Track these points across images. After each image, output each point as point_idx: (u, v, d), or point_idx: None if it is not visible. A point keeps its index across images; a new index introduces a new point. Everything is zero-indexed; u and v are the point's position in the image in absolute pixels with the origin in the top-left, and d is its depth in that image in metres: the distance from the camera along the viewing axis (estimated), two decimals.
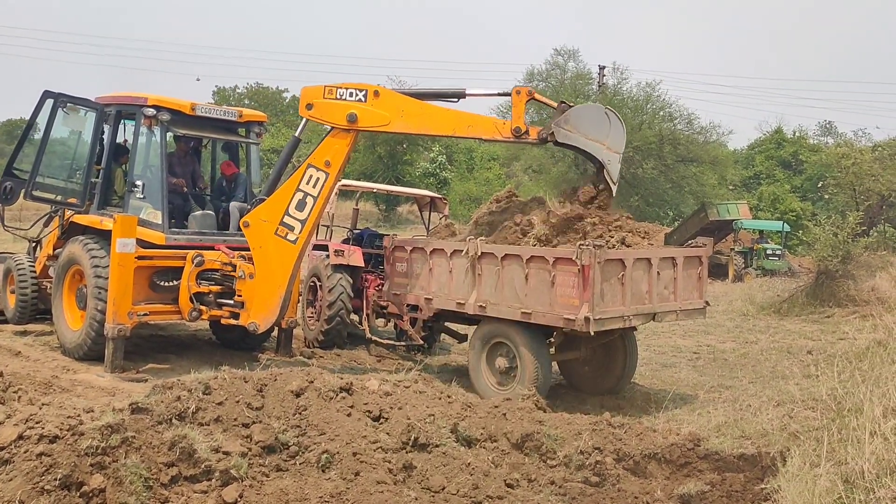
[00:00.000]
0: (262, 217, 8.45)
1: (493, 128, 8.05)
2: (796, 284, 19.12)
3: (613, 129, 8.04)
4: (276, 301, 8.80)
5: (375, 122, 8.12)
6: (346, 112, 8.08)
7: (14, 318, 11.03)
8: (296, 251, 8.40)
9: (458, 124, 8.08)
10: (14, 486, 4.72)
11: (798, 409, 8.11)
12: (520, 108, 8.02)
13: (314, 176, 8.27)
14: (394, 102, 8.09)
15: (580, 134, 7.94)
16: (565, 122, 7.90)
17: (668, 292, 8.94)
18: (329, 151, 8.25)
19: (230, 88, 60.82)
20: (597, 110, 8.18)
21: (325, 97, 8.15)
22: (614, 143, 8.03)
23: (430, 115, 8.06)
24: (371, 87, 8.08)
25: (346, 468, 5.52)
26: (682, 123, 39.64)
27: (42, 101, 10.30)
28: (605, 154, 7.99)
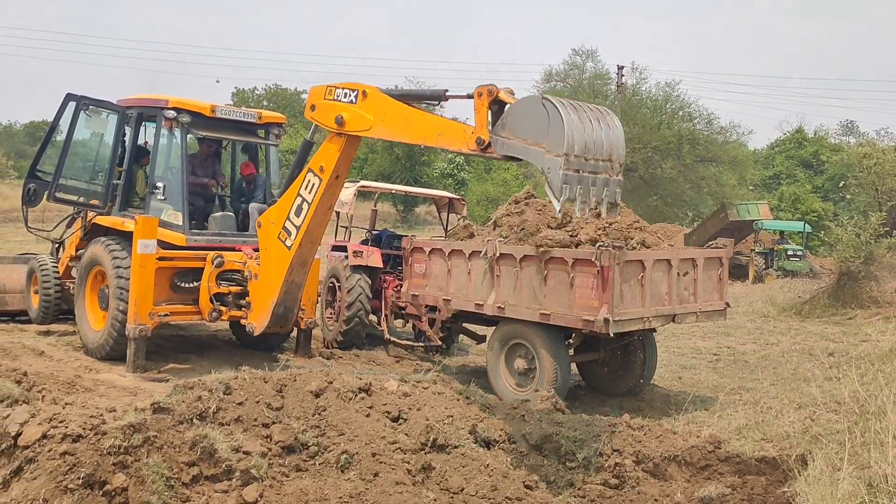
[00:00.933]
0: (272, 219, 8.41)
1: (462, 137, 6.48)
2: (818, 285, 18.94)
3: (552, 124, 5.64)
4: (269, 305, 8.71)
5: (359, 126, 7.50)
6: (335, 114, 7.65)
7: (38, 318, 11.15)
8: (289, 257, 8.24)
9: (428, 132, 6.90)
10: (38, 485, 4.78)
11: (820, 411, 8.03)
12: (482, 112, 6.25)
13: (311, 181, 7.98)
14: (378, 105, 7.34)
15: (518, 139, 5.92)
16: (502, 128, 6.03)
17: (688, 294, 8.89)
18: (324, 157, 7.93)
19: (249, 90, 61.21)
20: (531, 103, 5.90)
21: (325, 98, 7.77)
22: (553, 143, 5.64)
23: (406, 120, 7.08)
24: (361, 87, 7.48)
25: (366, 469, 5.53)
26: (701, 123, 39.51)
27: (65, 104, 10.41)
28: (544, 160, 5.71)
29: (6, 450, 5.33)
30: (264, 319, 8.86)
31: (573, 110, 5.72)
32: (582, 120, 5.73)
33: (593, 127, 5.80)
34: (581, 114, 5.77)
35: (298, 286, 8.78)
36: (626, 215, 9.20)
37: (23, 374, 6.68)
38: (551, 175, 5.67)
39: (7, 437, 5.35)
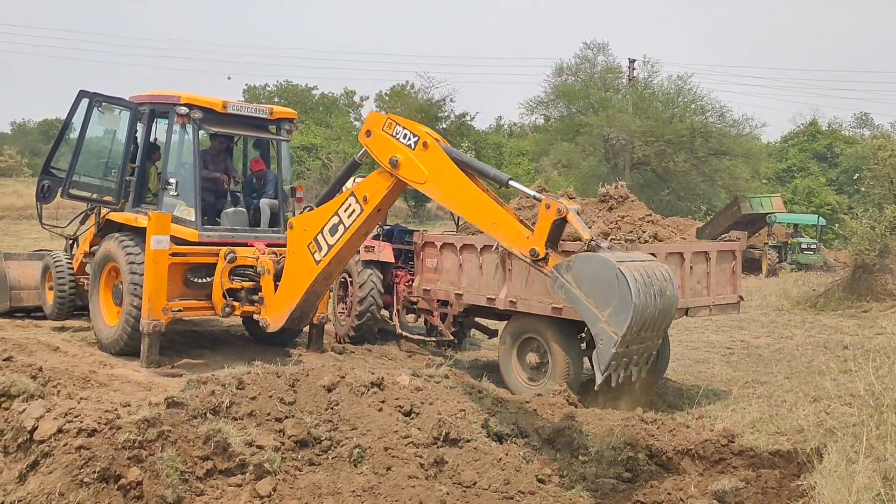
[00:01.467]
0: (304, 226, 8.32)
1: (517, 238, 6.37)
2: (832, 279, 18.83)
3: (620, 301, 5.40)
4: (286, 308, 8.73)
5: (413, 176, 7.24)
6: (391, 154, 7.33)
7: (52, 313, 11.24)
8: (315, 271, 8.23)
9: (483, 216, 6.70)
10: (54, 479, 4.82)
11: (835, 404, 7.99)
12: (545, 226, 6.08)
13: (352, 206, 7.76)
14: (437, 162, 7.04)
15: (580, 291, 5.70)
16: (566, 270, 5.81)
17: (700, 287, 8.85)
18: (370, 187, 7.66)
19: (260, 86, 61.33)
20: (607, 269, 5.52)
21: (384, 129, 7.43)
22: (615, 319, 5.43)
23: (463, 193, 6.86)
24: (424, 136, 7.16)
25: (378, 463, 5.54)
26: (714, 116, 39.30)
27: (78, 101, 10.47)
28: (598, 328, 5.53)
29: (22, 444, 5.38)
30: (280, 320, 8.89)
31: (644, 289, 5.53)
32: (648, 300, 5.57)
33: (655, 303, 5.66)
34: (649, 290, 5.60)
35: (319, 295, 8.81)
36: (638, 209, 9.17)
37: (38, 370, 6.72)
38: (602, 348, 5.55)
39: (23, 432, 5.39)
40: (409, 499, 5.15)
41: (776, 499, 5.73)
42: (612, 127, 38.02)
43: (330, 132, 50.41)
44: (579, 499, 5.56)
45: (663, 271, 5.88)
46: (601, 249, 5.86)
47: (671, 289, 5.85)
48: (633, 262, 5.68)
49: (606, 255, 5.62)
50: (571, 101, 42.19)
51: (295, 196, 10.87)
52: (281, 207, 10.57)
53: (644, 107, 39.34)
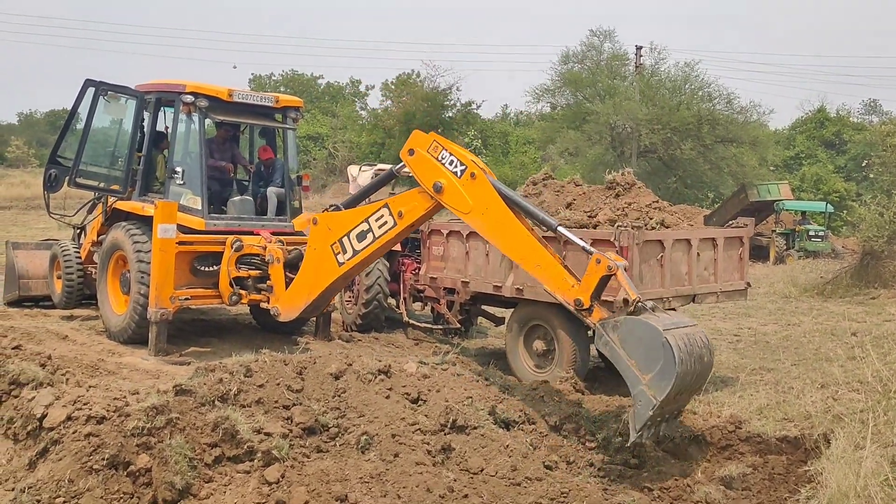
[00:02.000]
0: (330, 225, 8.29)
1: (561, 284, 6.60)
2: (840, 265, 18.74)
3: (664, 369, 5.66)
4: (302, 302, 8.78)
5: (457, 205, 7.24)
6: (436, 179, 7.30)
7: (61, 302, 11.29)
8: (337, 272, 8.26)
9: (527, 256, 6.86)
10: (64, 466, 4.85)
11: (842, 391, 7.96)
12: (592, 279, 6.33)
13: (384, 218, 7.76)
14: (484, 195, 7.05)
15: (623, 352, 5.93)
16: (612, 329, 6.01)
17: (708, 274, 8.83)
18: (407, 204, 7.67)
19: (266, 76, 61.23)
20: (653, 336, 5.75)
21: (429, 151, 7.39)
22: (655, 385, 5.68)
23: (509, 230, 6.95)
24: (472, 167, 7.14)
25: (386, 449, 5.56)
26: (721, 103, 39.08)
27: (84, 90, 10.47)
28: (638, 390, 5.77)
29: (32, 432, 5.42)
30: (294, 312, 8.95)
31: (686, 357, 5.74)
32: (689, 368, 5.78)
33: (694, 370, 5.90)
34: (690, 359, 5.81)
35: (335, 292, 8.85)
36: (645, 195, 9.14)
37: (47, 358, 6.77)
38: (640, 409, 5.75)
39: (33, 420, 5.44)
40: (416, 485, 5.17)
41: (783, 484, 5.75)
42: (619, 115, 37.87)
43: (336, 121, 50.36)
44: (586, 485, 5.57)
45: (703, 337, 6.13)
46: (646, 312, 6.03)
47: (709, 355, 6.13)
48: (677, 328, 5.88)
49: (653, 322, 5.79)
50: (578, 88, 42.01)
51: (301, 184, 10.88)
52: (287, 196, 10.56)
53: (651, 94, 39.14)
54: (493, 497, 5.19)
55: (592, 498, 5.34)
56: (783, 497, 5.57)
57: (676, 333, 5.78)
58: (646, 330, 5.79)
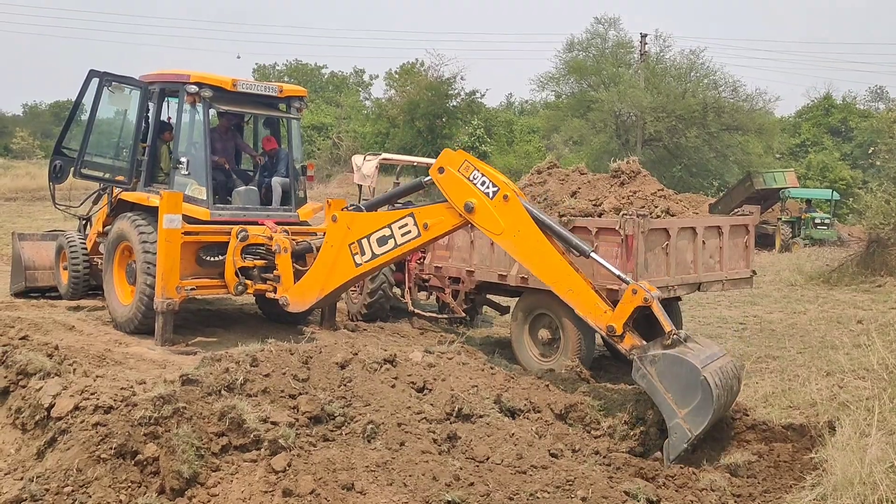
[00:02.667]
0: (349, 224, 8.31)
1: (593, 309, 6.75)
2: (846, 253, 18.71)
3: (701, 405, 5.89)
4: (313, 296, 8.84)
5: (488, 226, 7.31)
6: (467, 199, 7.33)
7: (67, 293, 11.33)
8: (354, 273, 8.29)
9: (560, 281, 6.97)
10: (72, 455, 4.88)
11: (848, 378, 7.97)
12: (627, 308, 6.50)
13: (408, 227, 7.82)
14: (516, 218, 7.11)
15: (661, 385, 6.11)
16: (650, 363, 6.19)
17: (713, 262, 8.82)
18: (434, 217, 7.69)
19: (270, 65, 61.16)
20: (691, 374, 5.95)
21: (459, 170, 7.41)
22: (691, 420, 5.91)
23: (540, 254, 7.05)
24: (505, 189, 7.19)
25: (392, 438, 5.58)
26: (726, 91, 38.94)
27: (88, 80, 10.46)
28: (675, 423, 5.99)
29: (40, 421, 5.46)
30: (305, 305, 9.01)
31: (721, 393, 6.03)
32: (722, 401, 6.09)
33: (726, 402, 6.26)
34: (724, 392, 6.11)
35: (346, 289, 8.88)
36: (650, 184, 9.12)
37: (54, 348, 6.79)
38: (675, 441, 5.99)
39: (41, 409, 5.47)
40: (422, 473, 5.18)
41: (789, 472, 5.75)
42: (624, 103, 37.78)
43: (340, 111, 50.30)
44: (592, 472, 5.58)
45: (733, 367, 6.45)
46: (681, 344, 6.24)
47: (737, 384, 6.45)
48: (712, 362, 6.18)
49: (691, 358, 6.03)
50: (582, 76, 41.89)
51: (306, 174, 10.88)
52: (292, 186, 10.57)
53: (656, 82, 39.01)
54: (498, 485, 5.20)
55: (598, 486, 5.35)
56: (788, 484, 5.58)
57: (712, 369, 6.03)
58: (684, 367, 6.01)
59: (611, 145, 38.60)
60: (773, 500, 5.38)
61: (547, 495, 5.17)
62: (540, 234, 7.01)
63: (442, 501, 4.92)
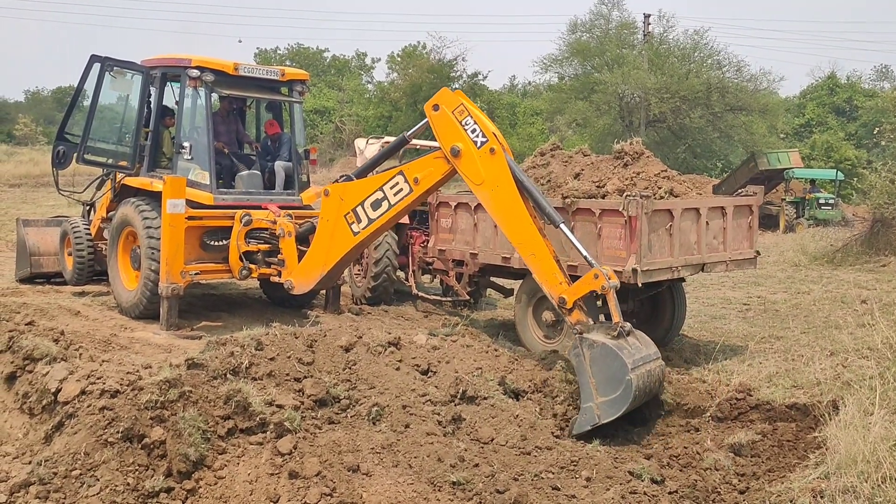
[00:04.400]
0: (342, 195, 8.33)
1: (550, 277, 6.83)
2: (850, 233, 18.66)
3: (619, 399, 6.08)
4: (316, 274, 8.86)
5: (471, 174, 7.30)
6: (455, 142, 7.32)
7: (72, 279, 11.37)
8: (352, 242, 8.31)
9: (524, 242, 7.03)
10: (79, 439, 4.92)
11: (852, 358, 7.98)
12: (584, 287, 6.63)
13: (399, 185, 7.86)
14: (498, 172, 7.12)
15: (588, 368, 6.28)
16: (588, 347, 6.32)
17: (717, 242, 8.81)
18: (423, 170, 7.74)
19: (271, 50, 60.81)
20: (620, 370, 6.11)
21: (453, 112, 7.39)
22: (605, 410, 6.10)
23: (513, 211, 7.05)
24: (493, 142, 7.17)
25: (397, 420, 5.62)
26: (730, 71, 38.70)
27: (89, 66, 10.44)
28: (588, 405, 6.15)
29: (47, 406, 5.50)
30: (309, 284, 9.03)
31: (640, 394, 6.21)
32: (637, 401, 6.19)
33: (640, 400, 6.29)
34: (641, 393, 6.22)
35: (348, 262, 8.90)
36: (653, 165, 9.08)
37: (60, 334, 6.82)
38: (582, 421, 6.18)
39: (48, 394, 5.51)
40: (427, 455, 5.22)
41: (792, 451, 5.77)
42: (627, 84, 37.56)
43: (342, 95, 50.12)
44: (596, 453, 5.61)
45: (660, 372, 6.62)
46: (623, 338, 6.40)
47: (658, 388, 6.60)
48: (643, 365, 6.31)
49: (625, 356, 6.16)
50: (586, 58, 41.63)
51: (309, 158, 10.86)
52: (295, 170, 10.56)
53: (659, 63, 38.75)
54: (503, 466, 5.23)
55: (602, 466, 5.39)
56: (792, 463, 5.60)
57: (640, 371, 6.21)
58: (616, 362, 6.17)
59: (614, 127, 38.45)
60: (777, 479, 5.40)
61: (551, 476, 5.21)
62: (517, 194, 7.07)
63: (447, 482, 4.96)
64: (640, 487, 5.17)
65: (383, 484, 4.86)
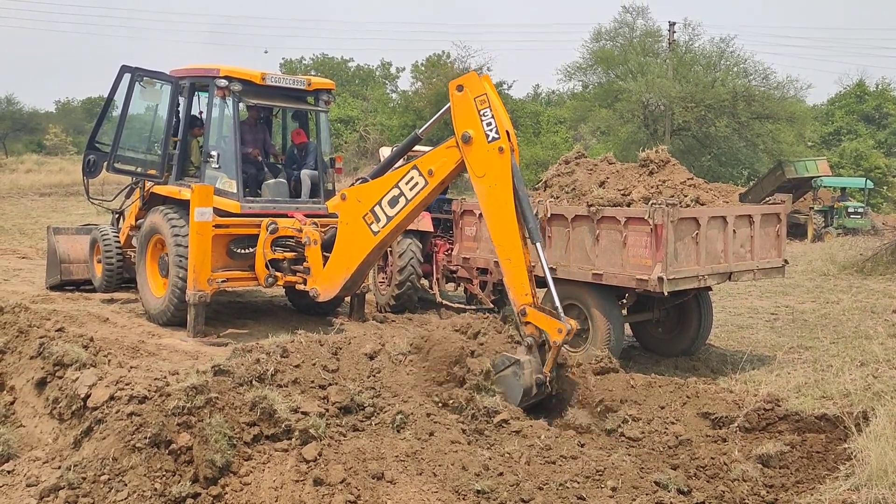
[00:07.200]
0: (359, 197, 8.40)
1: (519, 286, 6.96)
2: (880, 242, 18.38)
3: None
4: (340, 278, 8.89)
5: (474, 164, 7.31)
6: (468, 128, 7.31)
7: (101, 286, 11.52)
8: (373, 242, 8.34)
9: (504, 245, 7.08)
10: (108, 444, 4.96)
11: (882, 368, 7.85)
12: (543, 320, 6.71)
13: (414, 179, 7.90)
14: (499, 172, 7.13)
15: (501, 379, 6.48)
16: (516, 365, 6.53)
17: (744, 251, 8.72)
18: (436, 161, 7.76)
19: (297, 60, 61.40)
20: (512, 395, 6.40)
21: (475, 99, 7.32)
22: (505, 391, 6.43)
23: (503, 212, 7.10)
24: (504, 141, 7.15)
25: (421, 428, 5.60)
26: (757, 79, 38.39)
27: (120, 76, 10.61)
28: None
29: (76, 411, 5.55)
30: (334, 290, 9.05)
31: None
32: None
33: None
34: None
35: (371, 264, 8.96)
36: (679, 173, 9.03)
37: (89, 340, 6.90)
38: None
39: (77, 400, 5.56)
40: (451, 463, 5.20)
41: (822, 463, 5.68)
42: (652, 92, 37.40)
43: (367, 104, 50.38)
44: (622, 463, 5.56)
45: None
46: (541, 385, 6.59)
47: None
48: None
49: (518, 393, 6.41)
50: (610, 66, 41.55)
51: (334, 167, 10.94)
52: (321, 178, 10.63)
53: (684, 71, 38.57)
54: (527, 475, 5.21)
55: (628, 476, 5.34)
56: (822, 475, 5.51)
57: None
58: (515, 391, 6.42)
59: (638, 135, 38.28)
60: (807, 491, 5.32)
61: (576, 485, 5.17)
62: (510, 198, 7.06)
63: (471, 491, 4.94)
64: (666, 498, 5.12)
65: (408, 492, 4.85)
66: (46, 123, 55.65)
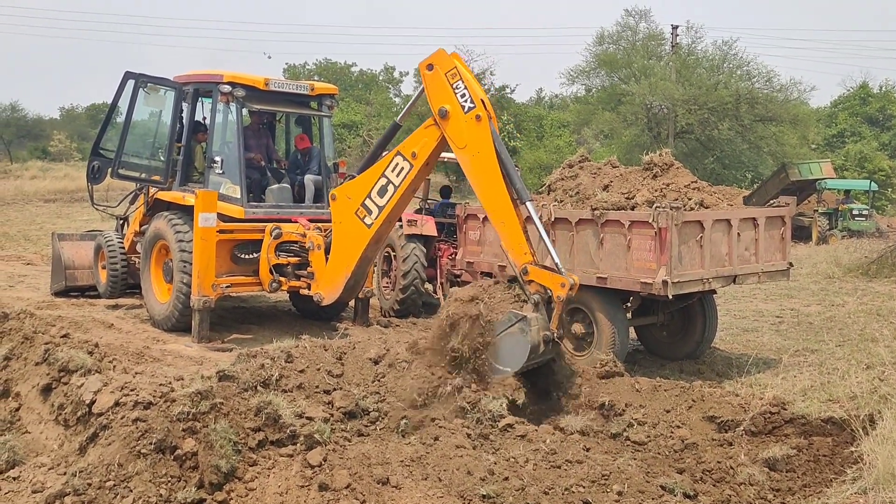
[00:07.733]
0: (348, 194, 8.43)
1: (517, 246, 6.95)
2: (885, 245, 18.34)
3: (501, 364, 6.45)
4: (341, 278, 8.87)
5: (455, 137, 7.36)
6: (444, 103, 7.37)
7: (106, 292, 11.53)
8: (368, 235, 8.35)
9: (496, 210, 7.15)
10: (113, 450, 4.97)
11: (889, 371, 7.81)
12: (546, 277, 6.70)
13: (399, 165, 7.95)
14: (481, 139, 7.19)
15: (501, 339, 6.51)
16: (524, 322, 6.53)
17: (748, 254, 8.70)
18: (418, 143, 7.82)
19: (300, 65, 61.50)
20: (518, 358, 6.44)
21: (446, 74, 7.39)
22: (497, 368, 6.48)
23: (490, 178, 7.15)
24: (480, 109, 7.20)
25: (426, 433, 5.60)
26: (760, 81, 38.33)
27: (124, 82, 10.64)
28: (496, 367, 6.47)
29: (82, 417, 5.56)
30: (336, 292, 9.03)
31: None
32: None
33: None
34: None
35: (370, 260, 8.94)
36: (683, 176, 9.02)
37: (94, 346, 6.90)
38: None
39: (82, 405, 5.57)
40: (456, 468, 5.19)
41: (829, 466, 5.67)
42: (655, 95, 37.37)
43: (370, 109, 50.46)
44: (628, 467, 5.54)
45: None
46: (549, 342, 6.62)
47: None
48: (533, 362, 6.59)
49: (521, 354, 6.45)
50: (613, 70, 41.53)
51: (338, 172, 10.94)
52: (324, 183, 10.64)
53: (687, 74, 38.52)
54: (533, 479, 5.19)
55: (634, 480, 5.32)
56: (829, 479, 5.49)
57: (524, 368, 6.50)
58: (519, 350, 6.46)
59: (642, 138, 38.25)
60: (814, 495, 5.30)
61: (582, 490, 5.15)
62: (496, 163, 7.15)
63: (477, 496, 4.92)
64: (672, 502, 5.10)
65: (413, 497, 4.84)
66: (51, 130, 55.81)
